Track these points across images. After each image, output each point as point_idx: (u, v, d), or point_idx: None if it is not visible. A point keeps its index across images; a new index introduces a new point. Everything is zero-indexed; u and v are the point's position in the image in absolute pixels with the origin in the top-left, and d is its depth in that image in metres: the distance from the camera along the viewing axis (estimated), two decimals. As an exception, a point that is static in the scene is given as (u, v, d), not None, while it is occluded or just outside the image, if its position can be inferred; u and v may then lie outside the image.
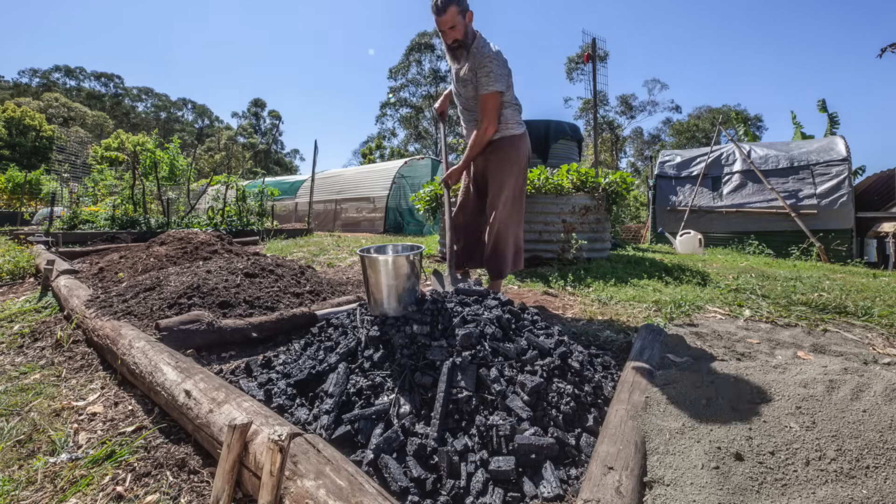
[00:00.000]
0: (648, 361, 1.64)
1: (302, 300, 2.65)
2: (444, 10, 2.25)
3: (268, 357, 1.79)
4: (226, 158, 44.05)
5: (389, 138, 44.55)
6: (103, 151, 15.25)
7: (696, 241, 7.23)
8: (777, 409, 1.19)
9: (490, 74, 2.31)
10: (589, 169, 4.48)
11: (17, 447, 1.27)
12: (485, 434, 1.20)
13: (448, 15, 2.26)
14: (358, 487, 0.87)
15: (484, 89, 2.34)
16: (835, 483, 0.96)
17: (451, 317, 1.58)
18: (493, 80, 2.31)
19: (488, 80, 2.32)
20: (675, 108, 39.01)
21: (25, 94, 48.04)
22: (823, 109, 13.05)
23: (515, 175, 2.53)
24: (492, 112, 2.36)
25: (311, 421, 1.30)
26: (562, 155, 7.10)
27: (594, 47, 11.84)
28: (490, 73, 2.31)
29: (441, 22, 2.30)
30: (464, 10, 2.30)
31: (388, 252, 1.93)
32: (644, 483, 1.04)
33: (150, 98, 64.96)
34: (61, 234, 6.26)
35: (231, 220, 8.87)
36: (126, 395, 1.60)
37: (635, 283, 3.43)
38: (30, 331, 2.31)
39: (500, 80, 2.33)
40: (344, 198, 12.82)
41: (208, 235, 4.53)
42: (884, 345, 2.12)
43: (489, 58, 2.32)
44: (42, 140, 32.62)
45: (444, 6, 2.24)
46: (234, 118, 61.35)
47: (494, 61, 2.32)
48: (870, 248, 7.71)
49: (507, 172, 2.51)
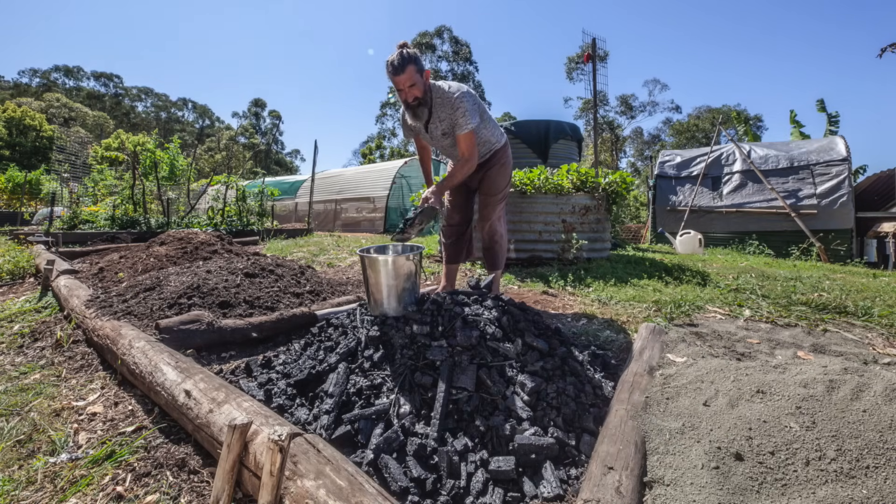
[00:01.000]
0: (648, 361, 1.64)
1: (302, 300, 2.65)
2: (403, 69, 2.25)
3: (268, 357, 1.79)
4: (226, 158, 44.08)
5: (389, 138, 44.56)
6: (103, 151, 15.24)
7: (696, 241, 7.23)
8: (777, 409, 1.19)
9: (466, 114, 2.35)
10: (589, 169, 4.48)
11: (17, 447, 1.27)
12: (485, 434, 1.20)
13: (406, 74, 2.26)
14: (358, 487, 0.87)
15: (460, 130, 2.38)
16: (835, 483, 0.96)
17: (451, 317, 1.58)
18: (469, 119, 2.36)
19: (464, 119, 2.36)
20: (675, 108, 39.03)
21: (26, 94, 48.05)
22: (822, 109, 13.04)
23: (507, 179, 2.73)
24: (471, 148, 2.43)
25: (311, 421, 1.30)
26: (562, 155, 7.10)
27: (594, 47, 11.84)
28: (466, 113, 2.35)
29: (399, 81, 2.29)
30: (421, 69, 2.31)
31: (388, 252, 1.93)
32: (644, 483, 1.04)
33: (150, 98, 64.95)
34: (61, 234, 6.26)
35: (231, 220, 8.87)
36: (126, 395, 1.60)
37: (635, 283, 3.43)
38: (30, 331, 2.31)
39: (473, 115, 2.38)
40: (344, 198, 12.82)
41: (208, 235, 4.53)
42: (884, 345, 2.12)
43: (460, 99, 2.35)
44: (42, 140, 32.64)
45: (402, 66, 2.25)
46: (234, 118, 61.40)
47: (464, 100, 2.35)
48: (870, 248, 7.71)
49: (502, 177, 2.69)
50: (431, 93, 2.41)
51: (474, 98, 2.45)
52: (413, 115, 2.44)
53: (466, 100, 2.36)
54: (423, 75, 2.33)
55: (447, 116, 2.42)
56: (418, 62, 2.29)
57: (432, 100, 2.42)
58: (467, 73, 43.19)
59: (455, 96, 2.36)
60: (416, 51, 2.32)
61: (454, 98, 2.36)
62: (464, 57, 42.92)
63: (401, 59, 2.25)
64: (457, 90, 2.38)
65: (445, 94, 2.38)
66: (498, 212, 2.71)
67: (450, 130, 2.48)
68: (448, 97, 2.38)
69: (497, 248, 2.74)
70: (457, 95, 2.36)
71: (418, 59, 2.30)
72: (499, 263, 2.75)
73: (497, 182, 2.66)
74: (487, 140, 2.61)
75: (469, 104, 2.37)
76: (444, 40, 42.86)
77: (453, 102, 2.36)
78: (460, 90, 2.39)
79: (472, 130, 2.38)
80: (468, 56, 43.00)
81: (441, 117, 2.45)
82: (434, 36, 42.70)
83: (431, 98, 2.41)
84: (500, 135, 2.69)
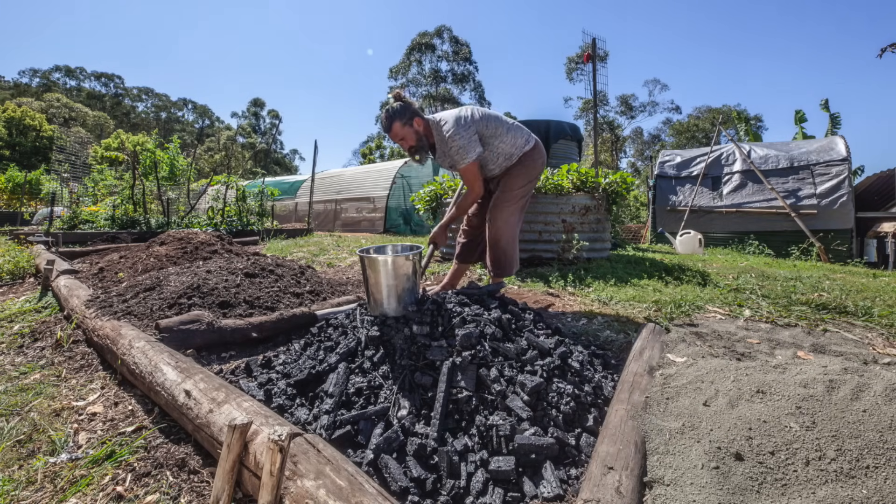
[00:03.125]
0: (648, 361, 1.64)
1: (302, 300, 2.65)
2: (390, 127, 2.37)
3: (268, 357, 1.79)
4: (226, 158, 44.07)
5: (389, 138, 44.52)
6: (103, 151, 15.25)
7: (696, 241, 7.23)
8: (777, 409, 1.19)
9: (460, 150, 2.36)
10: (589, 169, 4.47)
11: (17, 447, 1.27)
12: (485, 434, 1.20)
13: (394, 130, 2.37)
14: (358, 487, 0.87)
15: (459, 164, 2.42)
16: (835, 483, 0.96)
17: (451, 317, 1.58)
18: (465, 154, 2.37)
19: (460, 155, 2.38)
20: (675, 108, 39.03)
21: (26, 94, 48.07)
22: (826, 108, 13.06)
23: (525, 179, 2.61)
24: (472, 179, 2.45)
25: (311, 421, 1.30)
26: (562, 155, 7.10)
27: (594, 47, 11.84)
28: (460, 150, 2.36)
29: (391, 136, 2.41)
30: (409, 121, 2.36)
31: (388, 252, 1.93)
32: (644, 483, 1.04)
33: (150, 98, 64.96)
34: (61, 234, 6.26)
35: (231, 220, 8.87)
36: (126, 395, 1.60)
37: (635, 283, 3.43)
38: (30, 331, 2.31)
39: (469, 149, 2.37)
40: (344, 198, 12.82)
41: (208, 235, 4.53)
42: (884, 345, 2.12)
43: (451, 138, 2.37)
44: (42, 140, 32.66)
45: (389, 124, 2.37)
46: (233, 118, 61.41)
47: (456, 137, 2.36)
48: (870, 248, 7.71)
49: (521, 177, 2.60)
50: (431, 131, 2.45)
51: (471, 128, 2.41)
52: (415, 161, 2.52)
53: (458, 136, 2.35)
54: (414, 124, 2.38)
55: (444, 153, 2.46)
56: (404, 115, 2.35)
57: (433, 136, 2.46)
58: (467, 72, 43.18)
59: (447, 136, 2.38)
60: (406, 101, 2.38)
61: (446, 137, 2.39)
62: (464, 57, 42.91)
63: (386, 117, 2.38)
64: (451, 126, 2.38)
65: (440, 133, 2.41)
66: (509, 215, 2.58)
67: (450, 164, 2.52)
68: (441, 137, 2.41)
69: (501, 254, 2.59)
70: (448, 134, 2.37)
71: (405, 111, 2.35)
72: (502, 270, 2.61)
73: (515, 180, 2.59)
74: (509, 153, 2.56)
75: (462, 139, 2.35)
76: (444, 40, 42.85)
77: (446, 140, 2.40)
78: (455, 125, 2.38)
79: (470, 163, 2.39)
80: (468, 56, 42.99)
81: (442, 153, 2.49)
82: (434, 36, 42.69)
83: (431, 137, 2.46)
84: (524, 141, 2.59)
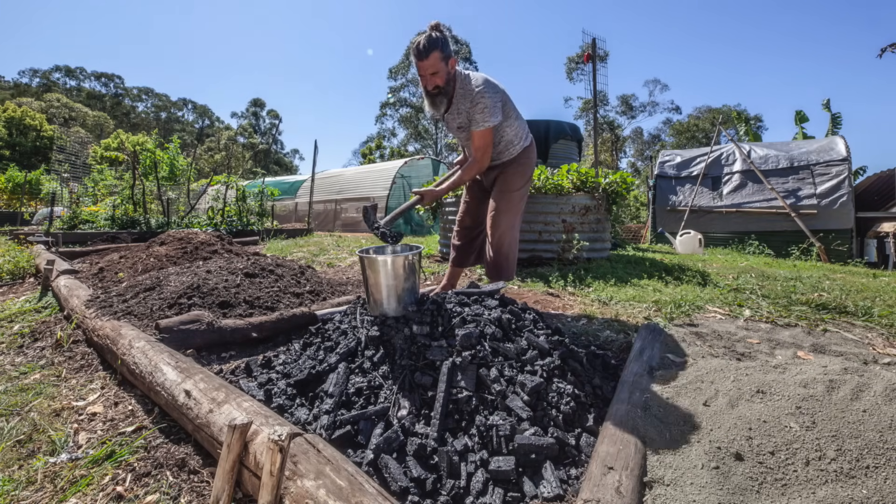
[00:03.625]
0: (648, 361, 1.64)
1: (302, 300, 2.65)
2: (427, 54, 2.13)
3: (268, 357, 1.79)
4: (226, 158, 44.06)
5: (389, 138, 44.56)
6: (103, 151, 15.26)
7: (696, 241, 7.23)
8: (777, 409, 1.19)
9: (485, 110, 2.21)
10: (589, 169, 4.47)
11: (17, 447, 1.27)
12: (485, 434, 1.20)
13: (430, 60, 2.14)
14: (358, 487, 0.87)
15: (478, 126, 2.24)
16: (835, 483, 0.96)
17: (451, 317, 1.58)
18: (488, 115, 2.21)
19: (483, 116, 2.22)
20: (675, 108, 39.05)
21: (26, 94, 48.09)
22: (828, 108, 13.08)
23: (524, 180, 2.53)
24: (485, 147, 2.29)
25: (311, 421, 1.30)
26: (562, 155, 7.10)
27: (594, 47, 11.84)
28: (485, 109, 2.21)
29: (422, 67, 2.17)
30: (447, 57, 2.17)
31: (388, 252, 1.93)
32: (644, 483, 1.04)
33: (150, 98, 64.98)
34: (61, 234, 6.26)
35: (231, 220, 8.87)
36: (126, 395, 1.60)
37: (635, 283, 3.43)
38: (30, 331, 2.31)
39: (493, 113, 2.22)
40: (344, 198, 12.83)
41: (208, 235, 4.53)
42: (884, 345, 2.12)
43: (480, 93, 2.21)
44: (42, 140, 32.67)
45: (427, 51, 2.13)
46: (233, 118, 61.42)
47: (486, 94, 2.21)
48: (870, 248, 7.71)
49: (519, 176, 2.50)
50: (456, 82, 2.27)
51: (499, 94, 2.29)
52: (430, 104, 2.32)
53: (488, 95, 2.21)
54: (449, 63, 2.20)
55: (465, 110, 2.28)
56: (445, 48, 2.16)
57: (455, 90, 2.28)
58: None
59: (476, 90, 2.21)
60: (445, 35, 2.18)
61: (475, 92, 2.21)
62: (463, 56, 42.90)
63: (427, 42, 2.13)
64: (481, 83, 2.23)
65: (469, 86, 2.24)
66: (512, 220, 2.48)
67: (466, 125, 2.34)
68: (469, 90, 2.24)
69: (503, 260, 2.51)
70: (478, 89, 2.21)
71: (446, 44, 2.16)
72: (504, 276, 2.55)
73: (513, 180, 2.48)
74: (511, 140, 2.44)
75: (491, 100, 2.21)
76: (444, 40, 42.79)
77: (473, 96, 2.22)
78: (485, 84, 2.24)
79: (488, 128, 2.23)
80: (468, 55, 42.99)
81: (459, 110, 2.31)
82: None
83: (454, 88, 2.28)
84: (526, 135, 2.51)
